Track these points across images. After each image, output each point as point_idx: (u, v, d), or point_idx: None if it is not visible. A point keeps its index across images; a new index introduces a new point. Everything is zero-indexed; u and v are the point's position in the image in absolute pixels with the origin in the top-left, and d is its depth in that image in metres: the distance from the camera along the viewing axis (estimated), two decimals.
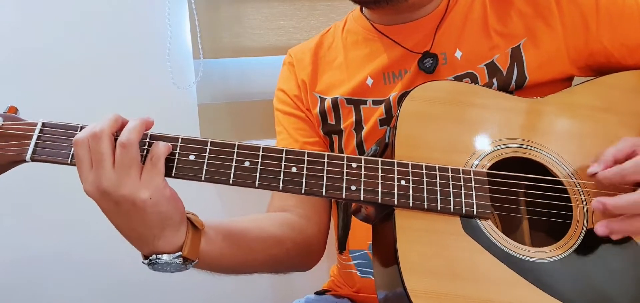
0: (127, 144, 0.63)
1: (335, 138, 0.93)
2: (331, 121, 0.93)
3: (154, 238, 0.66)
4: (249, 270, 0.82)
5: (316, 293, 1.00)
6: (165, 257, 0.66)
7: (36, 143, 0.66)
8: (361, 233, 0.88)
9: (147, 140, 0.67)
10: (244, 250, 0.79)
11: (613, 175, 0.64)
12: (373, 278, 0.77)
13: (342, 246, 0.95)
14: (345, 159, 0.68)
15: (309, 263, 0.93)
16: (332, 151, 0.94)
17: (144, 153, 0.66)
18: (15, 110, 0.70)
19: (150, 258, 0.67)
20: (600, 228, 0.64)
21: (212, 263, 0.74)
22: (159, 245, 0.66)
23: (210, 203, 1.38)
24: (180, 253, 0.67)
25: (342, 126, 0.91)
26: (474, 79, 0.84)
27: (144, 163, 0.65)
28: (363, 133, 0.89)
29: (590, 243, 0.67)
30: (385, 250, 0.69)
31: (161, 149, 0.65)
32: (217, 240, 0.73)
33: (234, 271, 0.79)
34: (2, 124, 0.67)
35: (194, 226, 0.70)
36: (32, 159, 0.66)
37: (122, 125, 0.65)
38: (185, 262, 0.68)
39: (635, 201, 0.63)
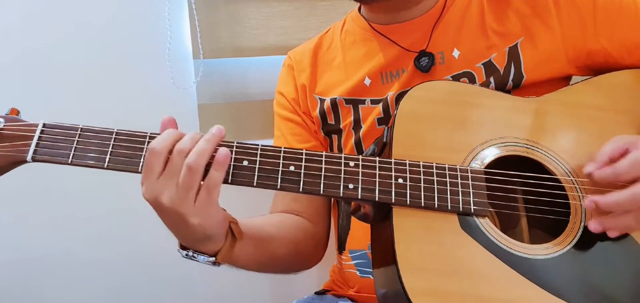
0: (194, 169, 0.63)
1: (334, 137, 0.94)
2: (331, 121, 0.93)
3: (196, 244, 0.71)
4: (266, 271, 0.87)
5: (316, 293, 1.00)
6: (201, 257, 0.72)
7: (37, 143, 0.67)
8: (361, 233, 0.88)
9: (147, 140, 0.67)
10: (268, 255, 0.83)
11: (608, 174, 0.65)
12: (373, 278, 0.77)
13: (341, 246, 0.95)
14: (342, 158, 0.68)
15: (314, 261, 0.97)
16: (332, 150, 0.95)
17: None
18: (17, 112, 0.71)
19: (188, 252, 0.72)
20: (592, 225, 0.66)
21: (238, 264, 0.78)
22: (200, 248, 0.71)
23: None
24: (214, 258, 0.72)
25: (341, 126, 0.92)
26: (471, 78, 0.84)
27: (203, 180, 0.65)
28: (361, 132, 0.89)
29: (588, 239, 0.67)
30: (384, 249, 0.69)
31: (218, 177, 0.65)
32: (249, 247, 0.77)
33: (254, 270, 0.83)
34: (4, 126, 0.68)
35: (232, 235, 0.73)
36: (33, 160, 0.67)
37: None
38: (217, 264, 0.73)
39: (626, 198, 0.64)
